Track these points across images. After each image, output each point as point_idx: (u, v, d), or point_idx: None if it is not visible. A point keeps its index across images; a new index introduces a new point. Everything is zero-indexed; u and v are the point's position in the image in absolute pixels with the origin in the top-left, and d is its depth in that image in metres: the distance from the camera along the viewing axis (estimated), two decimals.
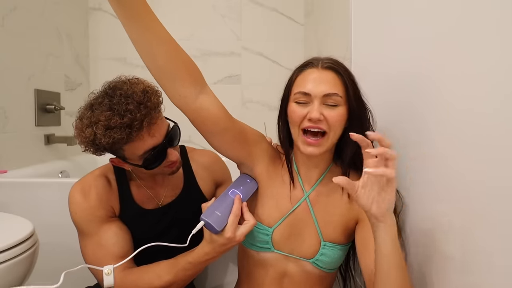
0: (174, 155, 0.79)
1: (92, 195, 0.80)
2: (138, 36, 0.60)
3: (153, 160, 0.77)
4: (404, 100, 0.77)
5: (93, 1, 2.02)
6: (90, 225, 0.79)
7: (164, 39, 0.61)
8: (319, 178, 0.77)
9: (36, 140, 1.55)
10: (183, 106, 0.66)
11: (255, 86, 2.11)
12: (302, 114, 0.68)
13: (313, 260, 0.75)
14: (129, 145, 0.73)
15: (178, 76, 0.63)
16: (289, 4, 2.08)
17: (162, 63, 0.61)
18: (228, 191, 0.73)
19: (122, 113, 0.70)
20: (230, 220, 0.67)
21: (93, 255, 0.78)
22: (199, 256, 0.71)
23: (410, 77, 0.74)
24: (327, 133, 0.68)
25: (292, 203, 0.76)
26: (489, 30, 0.50)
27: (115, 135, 0.69)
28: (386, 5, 0.87)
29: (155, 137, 0.75)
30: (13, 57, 1.40)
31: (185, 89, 0.64)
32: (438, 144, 0.63)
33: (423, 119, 0.68)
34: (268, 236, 0.75)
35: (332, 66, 0.70)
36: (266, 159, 0.77)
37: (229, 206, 0.69)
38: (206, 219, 0.67)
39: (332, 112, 0.67)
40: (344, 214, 0.75)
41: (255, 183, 0.77)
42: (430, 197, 0.66)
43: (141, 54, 0.62)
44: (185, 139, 1.98)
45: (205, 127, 0.69)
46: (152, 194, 0.88)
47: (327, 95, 0.67)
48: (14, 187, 1.20)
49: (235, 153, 0.75)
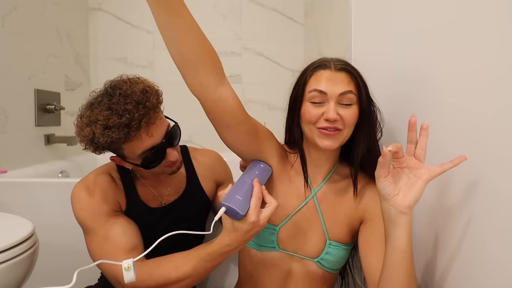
0: (174, 155, 0.79)
1: (97, 190, 0.80)
2: (167, 21, 0.59)
3: (152, 160, 0.76)
4: (404, 100, 0.77)
5: (93, 1, 2.02)
6: (97, 220, 0.77)
7: (192, 25, 0.60)
8: (326, 177, 0.77)
9: (36, 140, 1.55)
10: (203, 96, 0.65)
11: (256, 86, 2.11)
12: (318, 114, 0.69)
13: (318, 259, 0.75)
14: (127, 145, 0.73)
15: (202, 64, 0.62)
16: (289, 4, 2.08)
17: (188, 49, 0.61)
18: (244, 176, 0.71)
19: (120, 112, 0.69)
20: (253, 203, 0.64)
21: (100, 250, 0.76)
22: (220, 247, 0.68)
23: (410, 76, 0.74)
24: (342, 130, 0.69)
25: (299, 201, 0.76)
26: (488, 26, 0.50)
27: (113, 134, 0.69)
28: (385, 5, 0.87)
29: (154, 137, 0.75)
30: (13, 57, 1.40)
31: (207, 78, 0.63)
32: (440, 143, 0.63)
33: (424, 118, 0.68)
34: (274, 234, 0.76)
35: (344, 67, 0.71)
36: (276, 156, 0.77)
37: (249, 189, 0.67)
38: (228, 204, 0.63)
39: (347, 111, 0.69)
40: (349, 214, 0.76)
41: (269, 167, 0.75)
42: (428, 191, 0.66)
43: (167, 40, 0.61)
44: (185, 139, 1.99)
45: (221, 119, 0.68)
46: (156, 193, 0.88)
47: (342, 93, 0.68)
48: (14, 187, 1.20)
49: (246, 148, 0.73)
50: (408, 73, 0.76)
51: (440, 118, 0.63)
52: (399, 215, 0.56)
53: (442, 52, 0.62)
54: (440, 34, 0.63)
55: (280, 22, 2.08)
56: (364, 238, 0.73)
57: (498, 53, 0.48)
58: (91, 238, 0.78)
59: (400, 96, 0.80)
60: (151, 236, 0.80)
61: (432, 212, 0.66)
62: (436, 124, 0.63)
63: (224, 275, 1.14)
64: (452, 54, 0.59)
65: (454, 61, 0.59)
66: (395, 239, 0.57)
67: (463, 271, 0.56)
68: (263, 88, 2.10)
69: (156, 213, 0.87)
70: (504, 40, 0.47)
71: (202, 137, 1.98)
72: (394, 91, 0.82)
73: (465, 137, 0.56)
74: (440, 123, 0.62)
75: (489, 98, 0.50)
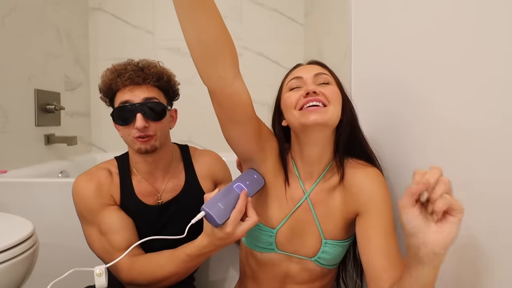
0: (141, 123, 0.79)
1: (94, 183, 0.83)
2: (189, 8, 0.55)
3: (119, 115, 0.82)
4: (404, 99, 0.77)
5: (93, 1, 2.02)
6: (92, 213, 0.82)
7: (214, 13, 0.57)
8: (321, 175, 0.76)
9: (36, 140, 1.55)
10: (220, 89, 0.62)
11: (256, 86, 2.09)
12: (297, 96, 0.70)
13: (315, 258, 0.75)
14: (117, 95, 0.84)
15: (221, 54, 0.59)
16: (289, 4, 2.08)
17: (210, 38, 0.57)
18: (233, 184, 0.70)
19: (128, 65, 0.84)
20: (233, 215, 0.65)
21: (97, 244, 0.81)
22: (197, 249, 0.71)
23: (411, 76, 0.74)
24: (327, 106, 0.68)
25: (293, 204, 0.76)
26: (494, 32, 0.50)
27: (109, 75, 0.83)
28: (385, 5, 0.87)
29: (132, 93, 0.82)
30: (13, 57, 1.40)
31: (226, 70, 0.60)
32: (443, 142, 0.63)
33: (425, 116, 0.68)
34: (272, 237, 0.76)
35: (315, 61, 0.78)
36: (274, 157, 0.77)
37: (233, 200, 0.66)
38: (207, 210, 0.64)
39: (327, 88, 0.70)
40: (343, 208, 0.74)
41: (262, 179, 0.74)
42: None
43: (188, 28, 0.57)
44: (185, 139, 2.00)
45: (233, 114, 0.65)
46: (152, 189, 0.89)
47: (317, 74, 0.72)
48: (14, 187, 1.20)
49: (249, 146, 0.72)
50: (408, 73, 0.76)
51: (443, 116, 0.63)
52: (430, 256, 0.45)
53: (442, 53, 0.62)
54: (439, 34, 0.63)
55: (280, 22, 2.08)
56: (362, 232, 0.70)
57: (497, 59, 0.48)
58: (88, 229, 0.83)
59: (400, 96, 0.80)
60: (149, 232, 0.84)
61: None
62: (440, 120, 0.63)
63: (224, 276, 1.15)
64: (452, 53, 0.59)
65: (454, 60, 0.59)
66: (422, 277, 0.48)
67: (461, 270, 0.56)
68: (263, 88, 2.09)
69: (151, 210, 0.87)
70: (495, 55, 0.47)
71: (202, 137, 1.98)
72: (395, 90, 0.82)
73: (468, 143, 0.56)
74: (443, 121, 0.62)
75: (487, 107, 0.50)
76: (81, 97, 1.95)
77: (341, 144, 0.74)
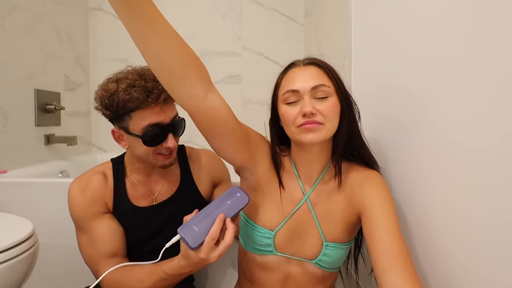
0: (172, 142, 0.81)
1: (88, 191, 0.83)
2: (142, 34, 0.54)
3: (153, 137, 0.79)
4: (405, 99, 0.77)
5: (93, 1, 2.02)
6: (84, 221, 0.82)
7: (171, 34, 0.56)
8: (319, 176, 0.76)
9: (36, 140, 1.55)
10: (193, 108, 0.62)
11: (256, 86, 2.11)
12: (295, 113, 0.69)
13: (316, 261, 0.75)
14: (139, 112, 0.77)
15: (187, 74, 0.58)
16: (289, 4, 2.08)
17: (171, 60, 0.56)
18: (213, 204, 0.68)
19: (147, 80, 0.77)
20: (206, 241, 0.62)
21: (85, 252, 0.82)
22: (175, 269, 0.69)
23: (411, 76, 0.74)
24: (323, 123, 0.68)
25: (292, 205, 0.76)
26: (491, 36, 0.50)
27: (135, 93, 0.74)
28: (385, 5, 0.87)
29: (165, 114, 0.79)
30: (13, 57, 1.40)
31: (195, 88, 0.60)
32: (444, 142, 0.63)
33: (426, 115, 0.68)
34: (270, 239, 0.75)
35: (313, 61, 0.73)
36: (267, 161, 0.76)
37: (209, 223, 0.64)
38: (181, 233, 0.63)
39: (324, 104, 0.68)
40: (344, 210, 0.74)
41: (246, 197, 0.70)
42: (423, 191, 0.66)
43: (147, 55, 0.57)
44: (185, 139, 1.99)
45: (214, 128, 0.65)
46: (147, 192, 0.89)
47: (315, 87, 0.68)
48: (14, 187, 1.20)
49: (238, 156, 0.72)
50: (408, 72, 0.76)
51: (447, 115, 0.63)
52: None
53: (442, 52, 0.62)
54: (440, 33, 0.63)
55: (280, 22, 2.08)
56: (367, 226, 0.68)
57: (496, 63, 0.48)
58: (80, 235, 0.84)
59: (400, 95, 0.80)
60: (144, 234, 0.85)
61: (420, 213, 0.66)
62: (443, 118, 0.63)
63: (224, 277, 1.15)
64: (451, 53, 0.59)
65: (453, 59, 0.59)
66: None
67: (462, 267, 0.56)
68: (263, 88, 2.09)
69: (144, 212, 0.87)
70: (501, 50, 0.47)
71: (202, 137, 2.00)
72: (394, 90, 0.82)
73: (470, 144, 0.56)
74: (447, 119, 0.62)
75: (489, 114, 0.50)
76: (81, 97, 1.95)
77: (338, 148, 0.73)
